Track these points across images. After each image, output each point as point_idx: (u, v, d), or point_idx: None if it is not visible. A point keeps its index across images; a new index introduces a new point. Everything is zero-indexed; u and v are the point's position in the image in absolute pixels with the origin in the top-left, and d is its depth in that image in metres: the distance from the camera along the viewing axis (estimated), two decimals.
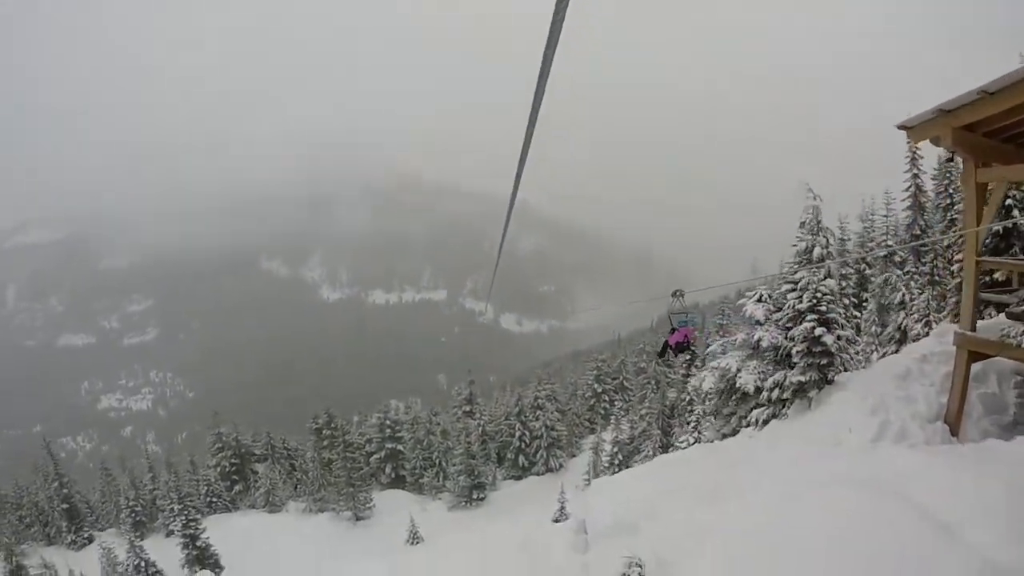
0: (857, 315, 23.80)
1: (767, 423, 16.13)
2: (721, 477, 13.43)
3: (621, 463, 34.13)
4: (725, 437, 17.71)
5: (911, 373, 13.56)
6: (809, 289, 15.42)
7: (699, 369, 37.20)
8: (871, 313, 21.72)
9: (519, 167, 3.72)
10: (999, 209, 13.65)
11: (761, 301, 17.05)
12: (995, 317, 14.36)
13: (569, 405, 49.71)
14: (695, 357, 39.39)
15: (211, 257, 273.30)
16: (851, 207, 28.85)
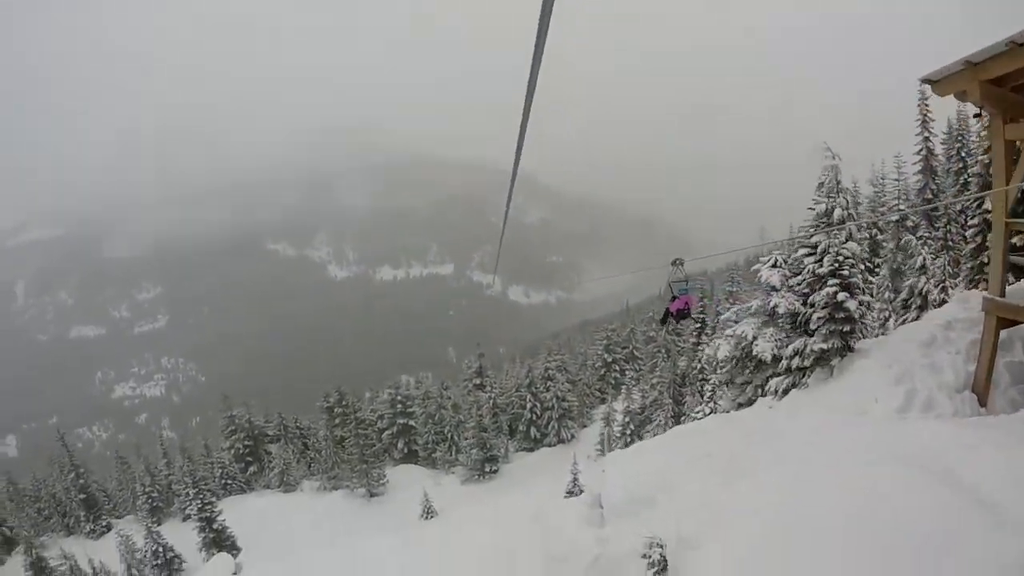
0: (872, 281, 23.19)
1: (787, 393, 15.50)
2: (741, 450, 12.80)
3: (633, 433, 33.90)
4: (741, 407, 17.16)
5: (936, 340, 12.96)
6: (830, 253, 14.69)
7: (710, 337, 36.76)
8: (884, 278, 21.11)
9: (519, 138, 3.59)
10: None
11: (776, 266, 16.29)
12: (1016, 283, 13.79)
13: (579, 375, 49.46)
14: (704, 326, 39.01)
15: (216, 241, 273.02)
16: (861, 171, 28.12)
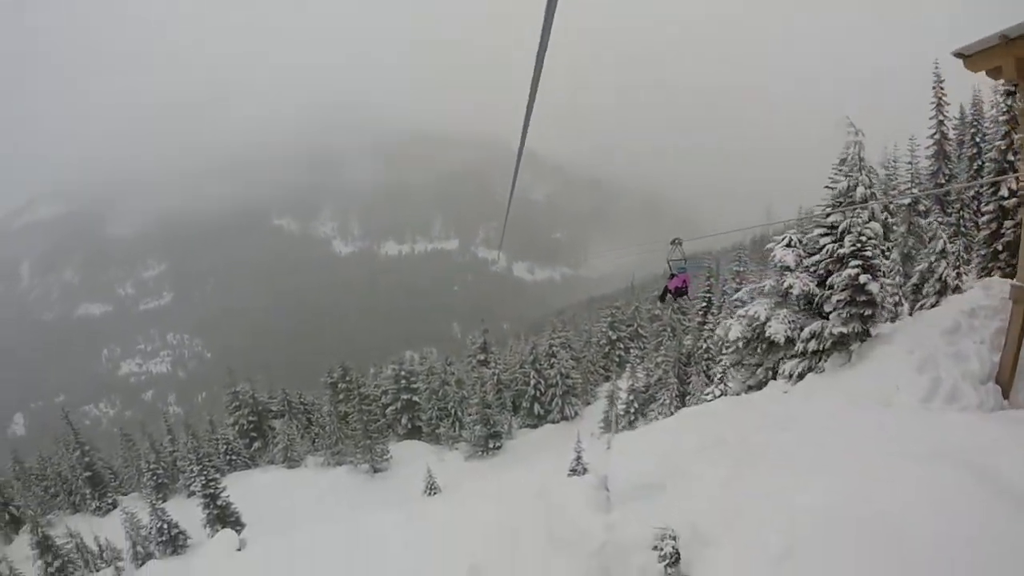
0: (885, 263, 22.77)
1: (802, 377, 14.99)
2: (756, 436, 12.22)
3: (637, 411, 33.74)
4: (751, 389, 16.71)
5: (960, 328, 12.45)
6: (852, 232, 14.00)
7: (716, 316, 36.38)
8: (894, 262, 20.63)
9: (527, 114, 3.54)
10: None
11: (791, 246, 15.79)
12: None
13: (584, 353, 49.20)
14: (711, 305, 38.68)
15: (220, 217, 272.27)
16: (871, 153, 27.61)
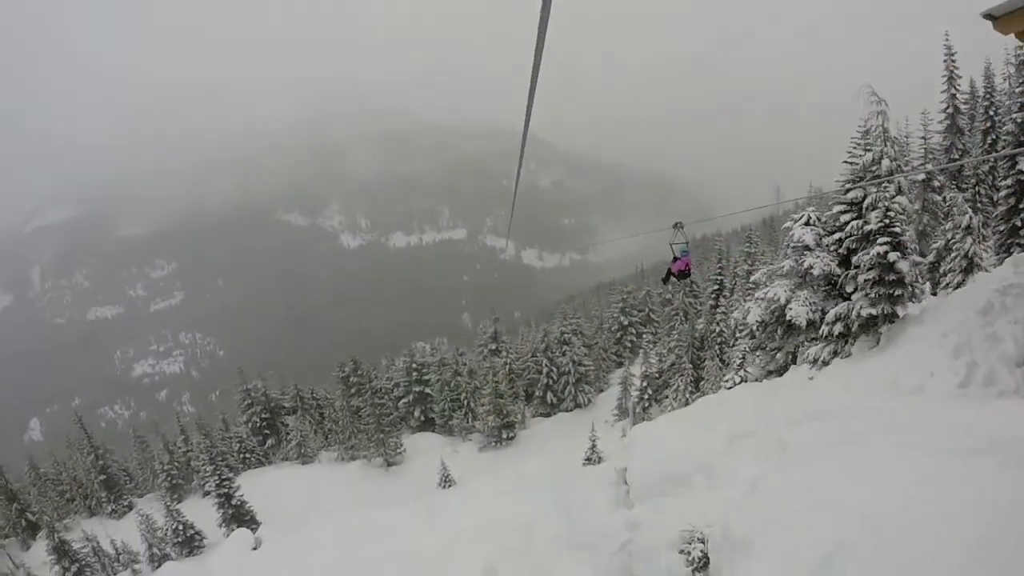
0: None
1: (827, 362, 14.24)
2: (787, 430, 11.45)
3: (651, 397, 33.26)
4: (771, 374, 16.05)
5: (993, 308, 11.73)
6: (879, 208, 13.14)
7: (727, 299, 35.82)
8: (911, 240, 19.98)
9: (529, 99, 3.38)
10: None
11: (809, 224, 15.06)
12: None
13: (595, 339, 48.73)
14: (723, 288, 38.20)
15: (228, 215, 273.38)
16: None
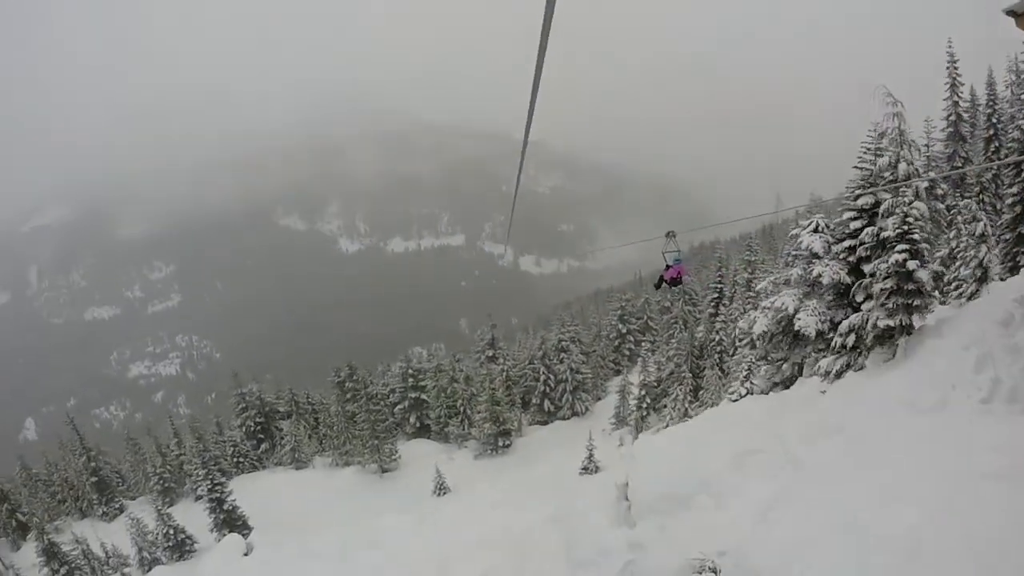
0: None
1: (840, 375, 13.64)
2: (800, 447, 10.88)
3: (649, 406, 33.00)
4: (776, 386, 15.60)
5: (1014, 319, 11.30)
6: (896, 214, 12.57)
7: (727, 307, 35.61)
8: None
9: (531, 104, 3.37)
10: None
11: (818, 231, 14.70)
12: None
13: (593, 347, 48.43)
14: (722, 296, 38.04)
15: (227, 217, 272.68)
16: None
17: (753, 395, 16.06)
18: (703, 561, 8.28)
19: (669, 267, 11.65)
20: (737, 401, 16.77)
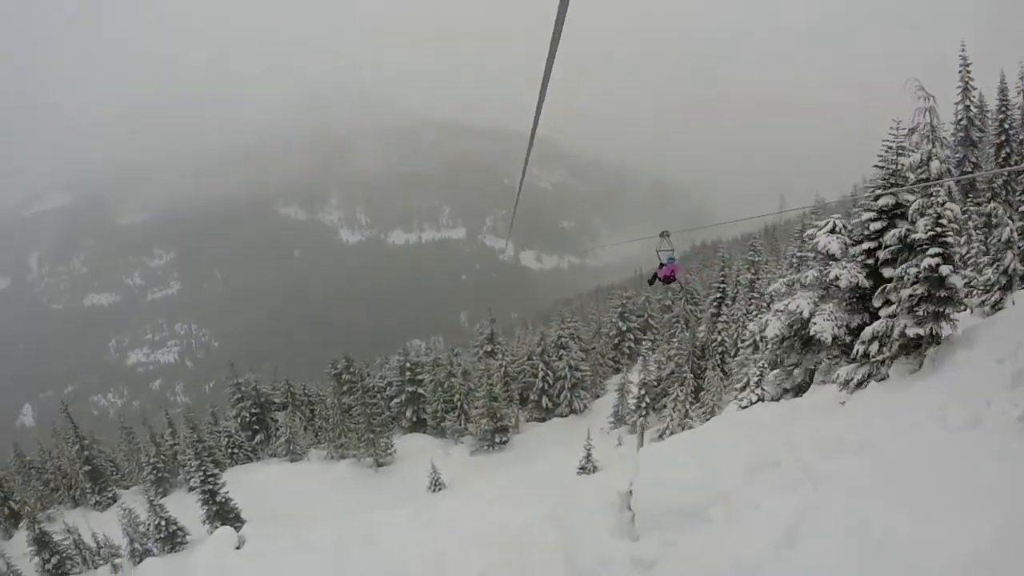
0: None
1: (862, 384, 12.79)
2: (819, 460, 10.12)
3: (648, 406, 32.61)
4: (787, 392, 14.95)
5: None
6: (927, 214, 11.74)
7: (729, 307, 35.25)
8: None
9: (539, 101, 3.37)
10: None
11: (835, 232, 14.02)
12: None
13: (593, 344, 48.02)
14: (724, 296, 37.73)
15: (228, 206, 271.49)
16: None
17: (764, 402, 15.40)
18: None
19: (663, 265, 11.92)
20: (747, 408, 16.03)
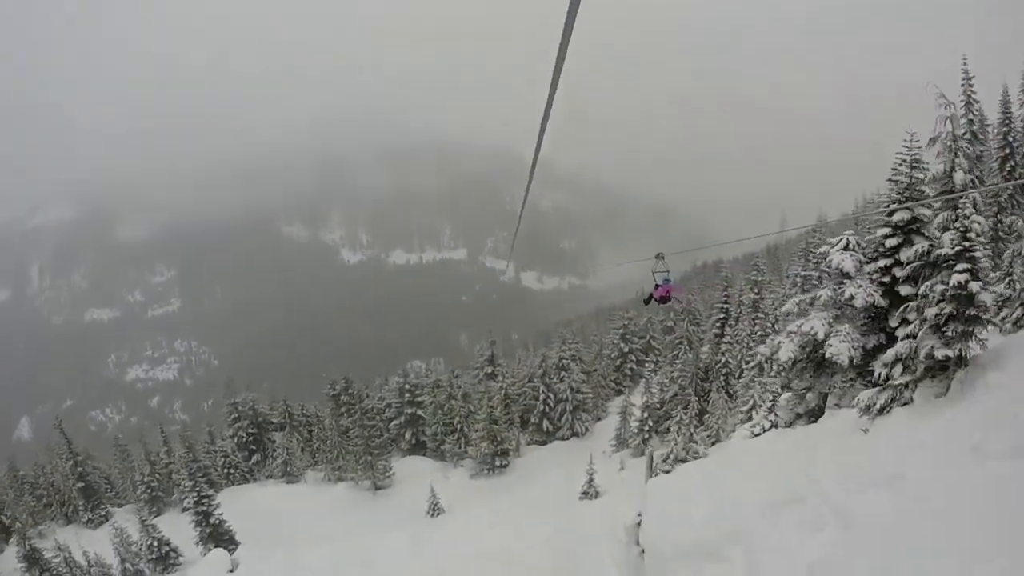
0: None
1: (884, 410, 12.08)
2: (845, 494, 9.45)
3: (651, 429, 32.19)
4: (800, 417, 14.41)
5: None
6: (954, 228, 11.14)
7: (732, 328, 34.94)
8: None
9: (542, 125, 3.45)
10: None
11: (849, 249, 13.60)
12: None
13: (594, 366, 47.59)
14: (728, 316, 37.46)
15: (229, 224, 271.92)
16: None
17: (778, 429, 14.83)
18: None
19: (658, 286, 12.56)
20: (759, 436, 15.38)
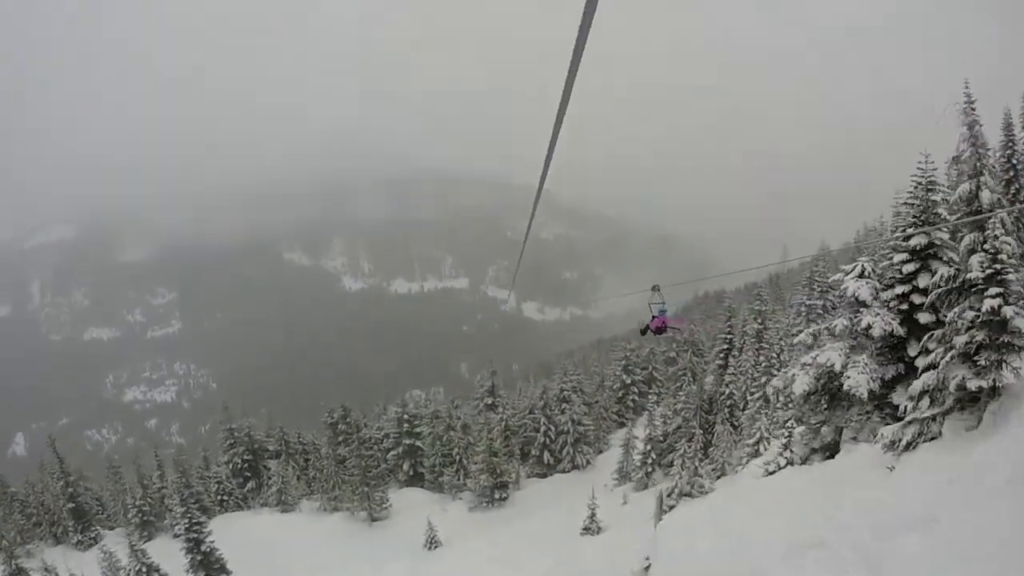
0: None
1: (911, 445, 11.31)
2: (872, 539, 8.80)
3: (654, 462, 31.62)
4: (815, 452, 13.91)
5: None
6: (983, 252, 10.40)
7: (736, 358, 34.55)
8: None
9: (547, 157, 3.42)
10: None
11: (864, 276, 13.19)
12: None
13: (596, 397, 47.00)
14: (731, 347, 37.07)
15: (232, 248, 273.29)
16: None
17: (794, 466, 14.22)
18: None
19: (655, 317, 12.65)
20: (774, 473, 14.70)
